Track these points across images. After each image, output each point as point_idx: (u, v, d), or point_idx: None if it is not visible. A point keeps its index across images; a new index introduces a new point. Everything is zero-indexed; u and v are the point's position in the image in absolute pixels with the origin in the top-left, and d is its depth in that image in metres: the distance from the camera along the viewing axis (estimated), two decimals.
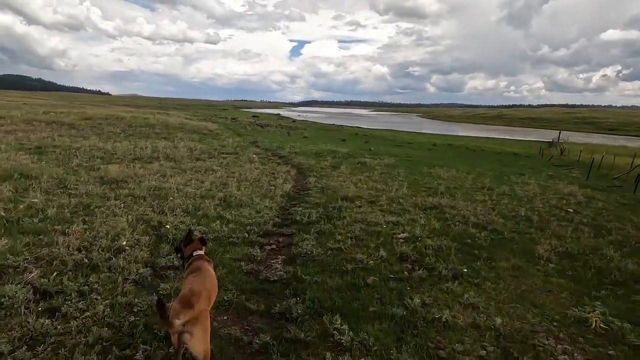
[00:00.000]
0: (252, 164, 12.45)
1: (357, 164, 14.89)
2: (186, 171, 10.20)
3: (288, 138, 26.62)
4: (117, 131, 21.37)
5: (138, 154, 12.92)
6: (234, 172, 10.76)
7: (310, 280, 4.20)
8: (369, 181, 11.08)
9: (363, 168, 13.87)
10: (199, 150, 15.17)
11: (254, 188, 8.80)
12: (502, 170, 17.16)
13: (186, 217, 6.01)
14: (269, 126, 38.20)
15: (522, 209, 8.54)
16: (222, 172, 10.44)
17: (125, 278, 3.77)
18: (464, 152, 26.10)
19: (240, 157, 14.18)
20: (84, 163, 10.20)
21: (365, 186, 10.20)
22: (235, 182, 9.24)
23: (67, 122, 22.96)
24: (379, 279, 4.43)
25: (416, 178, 12.46)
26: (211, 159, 13.40)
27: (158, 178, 8.82)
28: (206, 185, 8.48)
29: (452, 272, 4.68)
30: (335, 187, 9.70)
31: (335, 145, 21.11)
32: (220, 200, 7.38)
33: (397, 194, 9.36)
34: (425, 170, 14.41)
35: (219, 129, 28.66)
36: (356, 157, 17.24)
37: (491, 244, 6.02)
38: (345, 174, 12.04)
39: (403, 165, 15.47)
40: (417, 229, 6.36)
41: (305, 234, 5.79)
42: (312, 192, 8.98)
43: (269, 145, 19.61)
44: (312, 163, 13.96)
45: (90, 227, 4.98)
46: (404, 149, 24.59)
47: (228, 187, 8.53)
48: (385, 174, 12.72)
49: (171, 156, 12.95)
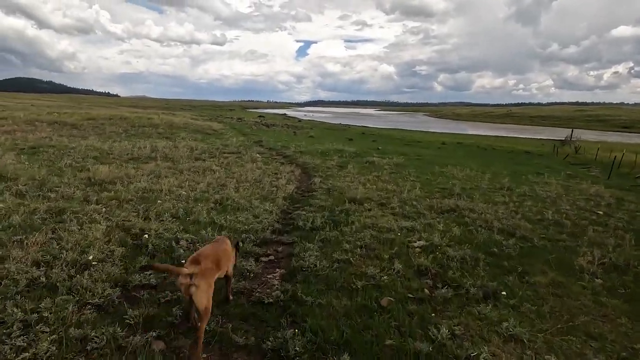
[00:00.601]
0: (254, 164, 11.77)
1: (365, 163, 14.14)
2: (182, 172, 9.54)
3: (294, 137, 25.92)
4: (119, 131, 20.87)
5: (135, 153, 12.32)
6: (234, 172, 10.07)
7: (313, 303, 3.47)
8: (378, 181, 10.32)
9: (371, 167, 13.11)
10: (199, 149, 14.54)
11: (254, 189, 8.10)
12: (518, 169, 16.27)
13: (173, 223, 5.32)
14: (274, 126, 37.58)
15: (548, 212, 7.71)
16: (221, 173, 9.76)
17: (86, 302, 3.08)
18: (474, 151, 25.16)
19: (242, 156, 13.51)
20: (74, 163, 9.58)
21: (375, 187, 9.44)
22: (234, 183, 8.55)
23: (69, 122, 22.58)
24: (395, 299, 3.68)
25: (428, 178, 11.68)
26: (212, 158, 12.75)
27: (150, 179, 8.16)
28: (202, 187, 7.79)
29: (482, 291, 3.92)
30: (342, 188, 8.97)
31: (342, 144, 20.35)
32: (216, 204, 6.68)
33: (410, 195, 8.60)
34: (437, 170, 13.59)
35: (224, 129, 28.09)
36: (364, 157, 16.48)
37: (521, 254, 5.24)
38: (353, 174, 11.30)
39: (413, 165, 14.67)
40: (435, 235, 5.59)
41: (308, 242, 5.06)
42: (317, 194, 8.25)
43: (273, 145, 18.93)
44: (318, 162, 13.23)
45: (59, 236, 4.31)
46: (412, 148, 23.76)
47: (226, 189, 7.83)
48: (396, 174, 11.95)
49: (170, 156, 12.33)
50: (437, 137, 38.83)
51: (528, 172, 14.79)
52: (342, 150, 17.97)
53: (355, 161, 14.59)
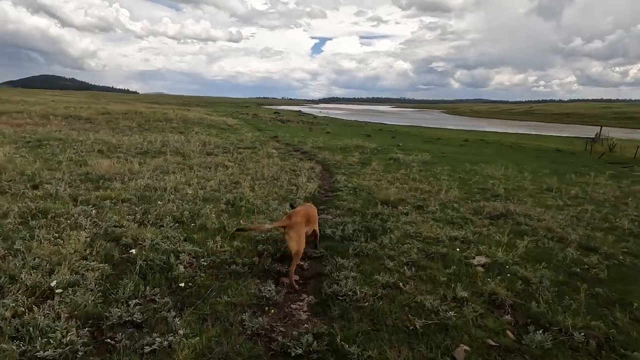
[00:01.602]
0: (270, 160, 10.80)
1: (389, 160, 13.02)
2: (192, 167, 8.64)
3: (310, 133, 24.91)
4: (133, 125, 20.29)
5: (145, 147, 11.52)
6: (249, 168, 9.12)
7: (359, 356, 2.43)
8: (409, 180, 9.22)
9: (397, 165, 12.00)
10: (213, 144, 13.68)
11: (271, 188, 7.11)
12: (555, 168, 14.85)
13: (175, 230, 4.34)
14: (289, 121, 36.66)
15: (618, 219, 6.48)
16: (234, 169, 8.82)
17: (34, 355, 2.12)
18: (500, 148, 23.60)
19: (258, 151, 12.57)
20: (76, 157, 8.80)
21: (407, 186, 8.35)
22: (249, 180, 7.58)
23: (84, 116, 22.20)
24: (472, 348, 2.62)
25: (462, 177, 10.50)
26: (225, 153, 11.85)
27: (155, 175, 7.27)
28: (212, 185, 6.84)
29: (589, 336, 2.82)
30: (370, 188, 7.90)
31: (360, 140, 19.22)
32: (227, 204, 5.72)
33: (448, 196, 7.47)
34: (469, 168, 12.39)
35: (239, 124, 27.31)
36: (386, 153, 15.36)
37: (611, 276, 4.10)
38: (378, 172, 10.22)
39: (441, 162, 13.48)
40: (497, 250, 4.49)
41: (341, 257, 4.03)
42: (343, 194, 7.21)
43: (289, 140, 17.96)
44: (339, 159, 12.19)
45: (27, 247, 3.39)
46: (434, 145, 22.45)
47: (239, 187, 6.87)
48: (425, 172, 10.81)
49: (180, 150, 11.48)
50: (457, 134, 37.14)
51: (567, 172, 13.40)
52: (362, 146, 16.90)
53: (378, 158, 13.49)
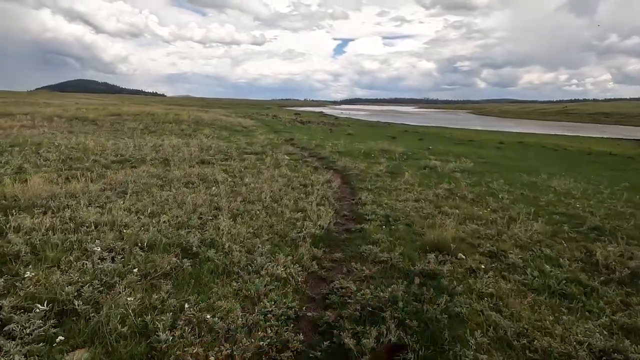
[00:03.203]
0: (277, 170, 8.63)
1: (423, 168, 10.61)
2: (170, 184, 6.57)
3: (330, 135, 22.70)
4: (139, 127, 18.77)
5: (129, 154, 9.64)
6: (247, 183, 6.97)
7: None
8: (458, 199, 6.83)
9: (435, 175, 9.60)
10: (214, 149, 11.69)
11: (266, 219, 4.91)
12: (625, 177, 12.02)
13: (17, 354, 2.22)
14: (309, 122, 34.62)
15: None
16: (225, 185, 6.68)
17: None
18: (544, 152, 20.57)
19: (265, 158, 10.44)
20: (27, 166, 6.91)
21: (459, 212, 5.97)
22: (237, 205, 5.42)
23: (90, 118, 21.03)
24: None
25: (524, 193, 8.01)
26: (225, 161, 9.81)
27: (105, 198, 5.22)
28: (179, 214, 4.72)
29: None
30: (407, 215, 5.60)
31: (386, 143, 16.76)
32: (183, 256, 3.58)
33: (528, 232, 5.07)
34: (526, 179, 9.86)
35: (255, 126, 25.49)
36: (418, 159, 12.96)
37: None
38: (414, 186, 7.88)
39: (487, 171, 10.96)
40: None
41: None
42: (371, 228, 4.94)
43: (306, 143, 15.81)
44: (362, 167, 9.91)
45: None
46: (467, 148, 19.75)
47: (217, 218, 4.72)
48: (475, 186, 8.38)
49: (170, 157, 9.52)
50: (490, 135, 33.95)
51: None
52: (388, 150, 14.54)
53: (409, 165, 11.12)
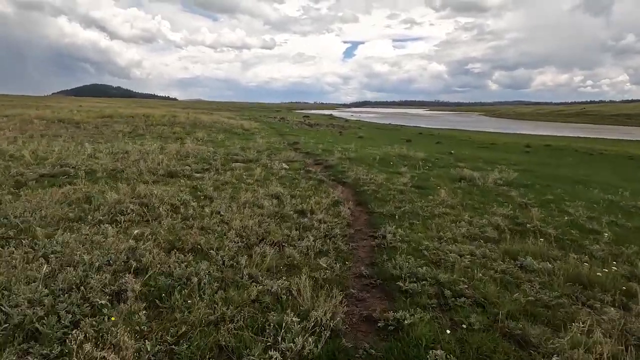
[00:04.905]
0: (263, 189, 6.60)
1: (458, 181, 8.54)
2: (89, 216, 4.65)
3: (339, 138, 20.71)
4: (126, 130, 17.14)
5: (77, 164, 7.83)
6: (212, 212, 5.00)
7: None
8: (536, 239, 4.74)
9: (476, 191, 7.55)
10: (194, 156, 9.88)
11: (207, 309, 2.94)
12: None
13: None
14: (318, 125, 32.70)
15: None
16: (174, 219, 4.73)
17: None
18: (581, 156, 18.16)
19: (256, 169, 8.46)
20: None
21: (552, 266, 3.88)
22: (165, 267, 3.46)
23: (76, 120, 19.83)
24: None
25: (614, 220, 5.89)
26: (201, 173, 7.95)
27: None
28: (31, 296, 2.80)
29: None
30: (467, 273, 3.60)
31: (402, 147, 14.65)
32: None
33: None
34: (597, 195, 7.74)
35: (258, 128, 23.66)
36: (445, 167, 10.92)
37: None
38: (458, 212, 5.84)
39: (538, 184, 8.84)
40: None
41: None
42: (415, 318, 2.83)
43: (312, 148, 13.85)
44: (381, 180, 7.88)
45: None
46: (494, 152, 17.58)
47: (98, 313, 2.78)
48: (544, 208, 6.28)
49: (128, 168, 7.60)
50: (512, 138, 31.48)
51: None
52: (407, 156, 12.52)
53: (438, 176, 9.09)
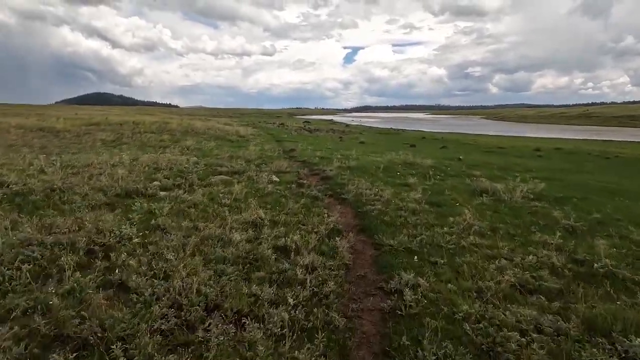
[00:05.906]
0: (239, 215, 5.26)
1: (480, 195, 7.17)
2: None
3: (339, 144, 19.41)
4: (109, 138, 15.93)
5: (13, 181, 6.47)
6: (149, 261, 3.76)
7: None
8: (608, 284, 3.41)
9: (504, 209, 6.22)
10: (169, 167, 8.62)
11: None
12: None
13: None
14: (318, 131, 31.43)
15: None
16: (97, 276, 3.53)
17: None
18: (596, 160, 16.71)
19: (238, 184, 7.13)
20: None
21: None
22: None
23: (57, 128, 18.54)
24: None
25: None
26: (168, 191, 6.63)
27: None
28: None
29: None
30: None
31: (407, 153, 13.24)
32: None
33: None
34: None
35: (253, 135, 22.38)
36: (458, 176, 9.62)
37: None
38: (491, 237, 4.50)
39: (573, 197, 7.48)
40: None
41: None
42: None
43: (309, 156, 12.54)
44: (388, 197, 6.54)
45: None
46: (504, 157, 16.19)
47: None
48: (590, 232, 4.92)
49: (68, 189, 6.26)
50: (519, 141, 30.10)
51: None
52: (413, 163, 11.19)
53: (453, 188, 7.77)
